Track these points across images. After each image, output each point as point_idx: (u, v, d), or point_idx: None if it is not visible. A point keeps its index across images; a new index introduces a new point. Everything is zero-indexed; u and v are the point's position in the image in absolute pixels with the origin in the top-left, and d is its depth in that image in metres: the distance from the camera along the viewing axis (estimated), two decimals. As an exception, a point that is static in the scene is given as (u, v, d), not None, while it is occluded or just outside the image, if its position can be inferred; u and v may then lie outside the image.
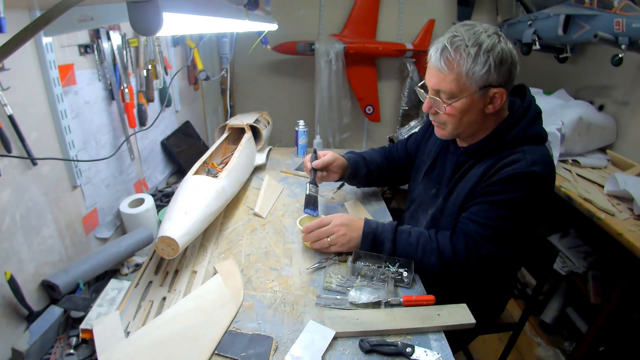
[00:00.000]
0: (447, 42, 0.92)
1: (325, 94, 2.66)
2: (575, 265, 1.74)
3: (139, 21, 0.60)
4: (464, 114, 0.97)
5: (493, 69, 0.90)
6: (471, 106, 0.96)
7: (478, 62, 0.90)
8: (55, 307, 0.90)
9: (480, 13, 2.68)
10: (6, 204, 0.85)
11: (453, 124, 1.01)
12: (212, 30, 1.55)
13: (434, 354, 0.82)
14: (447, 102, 0.97)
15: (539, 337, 1.95)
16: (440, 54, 0.93)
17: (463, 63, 0.91)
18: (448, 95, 0.96)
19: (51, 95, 0.98)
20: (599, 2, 1.60)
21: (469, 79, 0.92)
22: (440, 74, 0.95)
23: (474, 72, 0.90)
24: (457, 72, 0.92)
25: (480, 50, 0.89)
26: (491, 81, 0.92)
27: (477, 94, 0.94)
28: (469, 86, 0.93)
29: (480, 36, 0.90)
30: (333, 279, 1.04)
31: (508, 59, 0.92)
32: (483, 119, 1.00)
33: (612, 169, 1.78)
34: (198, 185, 1.21)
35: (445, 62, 0.93)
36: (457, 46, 0.91)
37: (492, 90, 0.93)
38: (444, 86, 0.95)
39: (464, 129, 1.02)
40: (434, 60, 0.95)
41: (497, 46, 0.90)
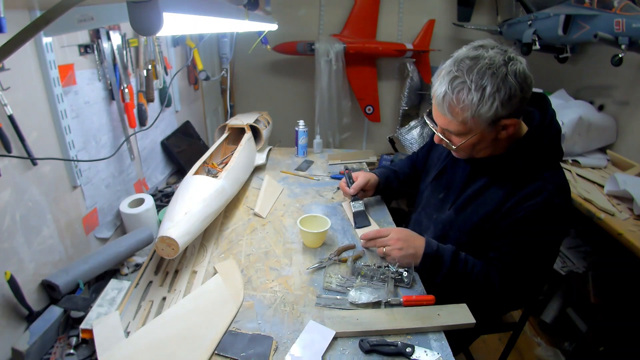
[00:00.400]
0: (448, 88, 0.88)
1: (325, 94, 2.66)
2: (575, 265, 1.74)
3: (139, 21, 0.60)
4: (475, 145, 0.96)
5: (500, 108, 0.86)
6: (482, 139, 0.94)
7: (483, 104, 0.85)
8: (55, 307, 0.90)
9: (480, 13, 2.68)
10: (6, 204, 0.85)
11: (466, 152, 1.00)
12: (212, 30, 1.55)
13: (434, 354, 0.82)
14: (457, 138, 0.95)
15: (539, 337, 1.95)
16: (442, 98, 0.90)
17: (467, 109, 0.87)
18: (456, 134, 0.95)
19: (51, 95, 0.98)
20: (599, 2, 1.60)
21: (476, 121, 0.89)
22: (446, 118, 0.93)
23: (480, 115, 0.87)
24: (462, 118, 0.89)
25: (485, 94, 0.85)
26: (500, 115, 0.88)
27: (486, 130, 0.91)
28: (477, 126, 0.90)
29: (484, 75, 0.85)
30: (333, 279, 1.04)
31: (517, 93, 0.86)
32: (497, 142, 0.97)
33: (612, 169, 1.78)
34: (198, 185, 1.21)
35: (448, 108, 0.90)
36: (459, 90, 0.87)
37: (503, 121, 0.90)
38: (452, 128, 0.94)
39: (478, 153, 1.00)
40: (438, 103, 0.92)
41: (504, 83, 0.85)
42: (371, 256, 1.17)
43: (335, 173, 1.75)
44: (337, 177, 1.72)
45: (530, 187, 0.95)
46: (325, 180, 1.70)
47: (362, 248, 1.19)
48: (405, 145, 2.63)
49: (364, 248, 1.18)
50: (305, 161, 1.89)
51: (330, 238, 1.24)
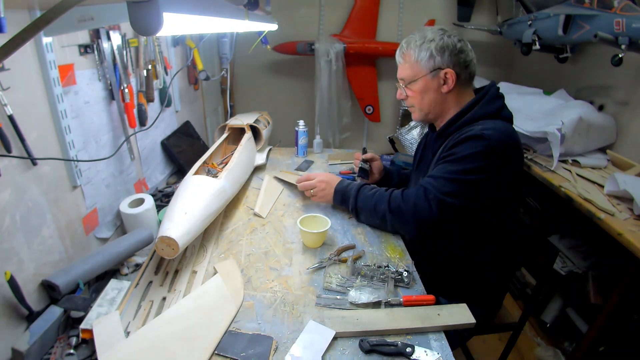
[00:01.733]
0: (403, 42, 1.20)
1: (325, 94, 2.66)
2: (575, 265, 1.74)
3: (139, 21, 0.60)
4: (423, 94, 1.18)
5: (436, 53, 1.12)
6: (427, 86, 1.16)
7: (422, 50, 1.13)
8: (55, 307, 0.90)
9: (480, 13, 2.68)
10: (6, 204, 0.85)
11: (417, 103, 1.21)
12: (212, 30, 1.55)
13: (434, 354, 0.82)
14: (408, 87, 1.20)
15: (539, 337, 1.95)
16: (399, 50, 1.20)
17: (412, 53, 1.15)
18: (407, 81, 1.19)
19: (51, 95, 0.98)
20: (599, 2, 1.60)
21: (419, 65, 1.15)
22: (400, 65, 1.21)
23: (421, 58, 1.14)
24: (409, 61, 1.17)
25: (424, 42, 1.13)
26: (438, 64, 1.13)
27: (429, 76, 1.15)
28: (421, 70, 1.15)
29: (425, 33, 1.14)
30: (333, 279, 1.04)
31: (449, 46, 1.12)
32: (443, 99, 1.18)
33: (612, 169, 1.78)
34: (198, 185, 1.21)
35: (401, 55, 1.20)
36: (408, 43, 1.18)
37: (441, 71, 1.13)
38: (403, 74, 1.20)
39: (429, 109, 1.20)
40: (397, 57, 1.22)
41: (437, 38, 1.12)
42: (371, 256, 1.17)
43: (336, 173, 1.75)
44: (337, 177, 1.72)
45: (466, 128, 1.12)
46: (325, 180, 1.70)
47: (363, 248, 1.20)
48: (405, 145, 2.63)
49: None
50: (305, 161, 1.89)
51: (330, 238, 1.24)
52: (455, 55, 1.13)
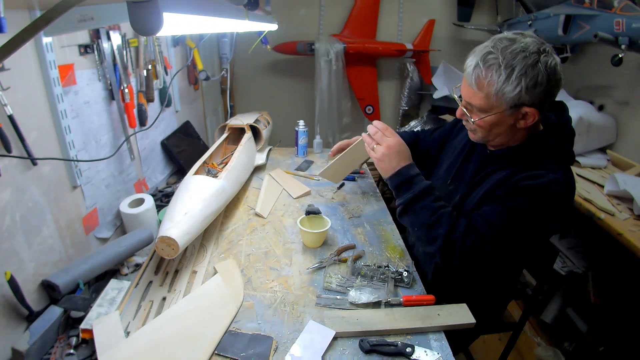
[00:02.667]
0: (480, 60, 0.91)
1: (325, 94, 2.66)
2: (575, 265, 1.74)
3: (139, 21, 0.60)
4: (493, 127, 0.98)
5: (524, 91, 0.88)
6: (500, 121, 0.96)
7: (509, 83, 0.88)
8: (55, 307, 0.90)
9: (480, 13, 2.68)
10: (6, 204, 0.85)
11: (483, 133, 1.01)
12: (212, 30, 1.55)
13: (434, 354, 0.82)
14: (477, 114, 0.97)
15: (539, 337, 1.95)
16: (472, 70, 0.93)
17: (493, 84, 0.89)
18: (478, 109, 0.96)
19: (51, 95, 0.98)
20: (599, 2, 1.60)
21: (499, 99, 0.91)
22: (471, 89, 0.95)
23: (504, 93, 0.89)
24: (486, 92, 0.92)
25: (513, 74, 0.87)
26: (523, 101, 0.90)
27: (507, 112, 0.93)
28: (499, 105, 0.92)
29: (516, 57, 0.88)
30: (333, 279, 1.04)
31: (544, 82, 0.88)
32: (514, 132, 0.99)
33: (612, 169, 1.78)
34: (198, 185, 1.21)
35: (476, 80, 0.92)
36: (489, 65, 0.90)
37: (524, 108, 0.92)
38: (475, 101, 0.96)
39: (493, 139, 1.02)
40: (467, 75, 0.95)
41: (533, 69, 0.87)
42: (371, 256, 1.17)
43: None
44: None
45: (533, 171, 0.96)
46: (325, 180, 1.70)
47: (363, 248, 1.19)
48: (405, 145, 2.63)
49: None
50: (305, 161, 1.89)
51: (330, 238, 1.24)
52: (546, 92, 0.90)
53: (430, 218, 0.99)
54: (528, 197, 0.94)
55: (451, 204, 1.13)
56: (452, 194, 1.16)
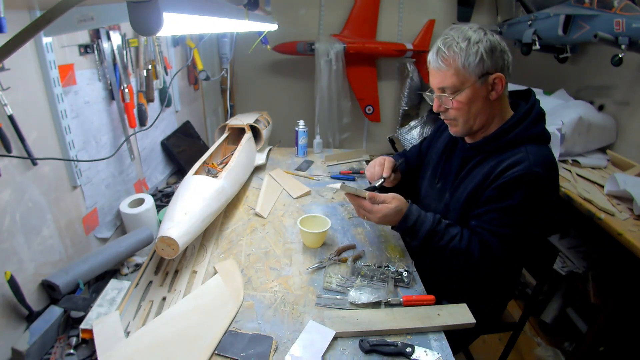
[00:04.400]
0: (440, 44, 1.02)
1: (325, 94, 2.66)
2: (575, 265, 1.74)
3: (139, 21, 0.60)
4: (470, 104, 1.03)
5: (485, 56, 0.98)
6: (475, 95, 1.02)
7: (470, 53, 0.98)
8: (55, 307, 0.90)
9: (480, 13, 2.68)
10: (6, 204, 0.85)
11: (463, 116, 1.05)
12: (212, 30, 1.55)
13: (434, 354, 0.82)
14: (452, 96, 1.03)
15: (539, 337, 1.95)
16: (436, 55, 1.02)
17: (457, 57, 0.99)
18: (452, 89, 1.02)
19: (51, 95, 0.98)
20: (599, 2, 1.60)
21: (467, 70, 0.99)
22: (440, 72, 1.02)
23: (469, 63, 0.98)
24: (454, 67, 1.00)
25: (470, 43, 0.98)
26: (487, 68, 0.99)
27: (477, 83, 1.00)
28: (469, 77, 1.00)
29: (467, 32, 1.00)
30: (333, 279, 1.04)
31: (497, 47, 0.99)
32: (490, 109, 1.05)
33: (612, 169, 1.78)
34: (198, 185, 1.21)
35: (442, 60, 1.01)
36: (449, 45, 1.00)
37: (490, 77, 1.00)
38: (447, 82, 1.02)
39: (474, 121, 1.06)
40: (433, 62, 1.04)
41: (483, 38, 0.99)
42: (371, 256, 1.17)
43: (335, 173, 1.75)
44: (337, 177, 1.72)
45: (513, 158, 1.01)
46: (325, 180, 1.70)
47: (363, 248, 1.19)
48: (405, 145, 2.63)
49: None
50: (305, 161, 1.89)
51: (330, 238, 1.24)
52: (501, 57, 1.01)
53: (444, 254, 1.05)
54: (516, 190, 0.99)
55: (442, 202, 1.19)
56: (441, 192, 1.21)
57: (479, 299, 1.14)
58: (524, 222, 1.01)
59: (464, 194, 1.10)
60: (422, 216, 1.09)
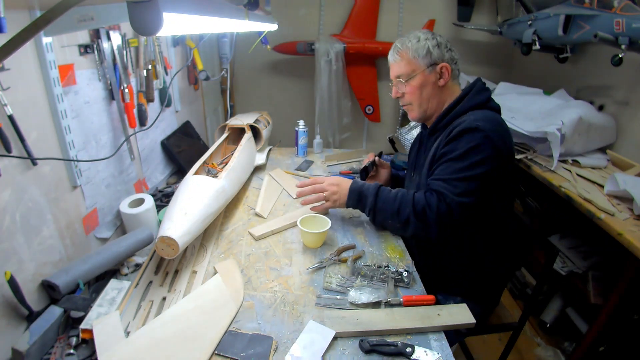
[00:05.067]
0: (396, 43, 1.25)
1: (325, 94, 2.66)
2: (575, 265, 1.74)
3: (139, 21, 0.60)
4: (421, 88, 1.21)
5: (432, 48, 1.18)
6: (425, 81, 1.20)
7: (419, 47, 1.19)
8: (55, 307, 0.90)
9: (480, 13, 2.67)
10: (6, 204, 0.85)
11: (416, 100, 1.23)
12: (212, 30, 1.55)
13: (434, 354, 0.82)
14: (406, 81, 1.23)
15: (539, 337, 1.95)
16: (393, 50, 1.24)
17: (408, 50, 1.20)
18: (405, 77, 1.22)
19: (51, 95, 0.99)
20: (599, 2, 1.60)
21: (417, 60, 1.19)
22: (396, 63, 1.24)
23: (418, 54, 1.19)
24: (406, 58, 1.21)
25: (420, 40, 1.20)
26: (435, 59, 1.18)
27: (427, 70, 1.19)
28: (419, 65, 1.20)
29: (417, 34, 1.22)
30: (333, 279, 1.04)
31: (443, 43, 1.20)
32: (440, 93, 1.22)
33: (612, 169, 1.78)
34: (198, 185, 1.21)
35: (397, 53, 1.23)
36: (402, 42, 1.23)
37: (438, 66, 1.19)
38: (401, 70, 1.22)
39: (427, 104, 1.23)
40: (390, 57, 1.26)
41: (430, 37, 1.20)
42: (371, 256, 1.17)
43: (336, 173, 1.75)
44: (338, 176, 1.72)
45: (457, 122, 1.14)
46: (325, 180, 1.69)
47: (363, 248, 1.19)
48: (405, 145, 2.63)
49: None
50: (305, 161, 1.89)
51: (330, 238, 1.24)
52: (448, 51, 1.20)
53: (394, 205, 1.15)
54: (460, 141, 1.09)
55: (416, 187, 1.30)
56: (417, 183, 1.31)
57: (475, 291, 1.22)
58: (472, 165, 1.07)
59: (426, 168, 1.23)
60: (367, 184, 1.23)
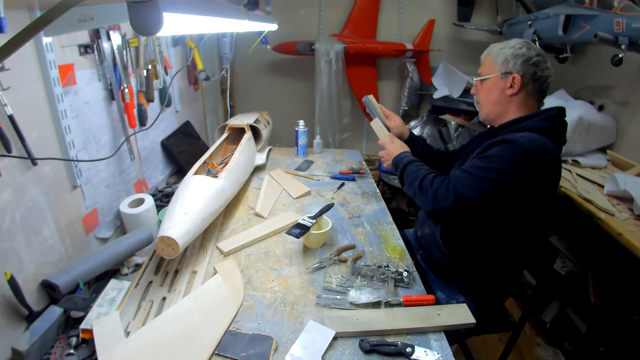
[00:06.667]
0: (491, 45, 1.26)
1: (325, 94, 2.66)
2: (575, 265, 1.74)
3: (139, 21, 0.60)
4: (489, 91, 1.23)
5: (510, 58, 1.17)
6: (494, 85, 1.21)
7: (500, 54, 1.20)
8: (55, 307, 0.90)
9: (480, 13, 2.67)
10: (6, 204, 0.85)
11: (483, 101, 1.26)
12: (212, 30, 1.55)
13: (434, 354, 0.82)
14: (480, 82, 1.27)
15: (539, 337, 1.95)
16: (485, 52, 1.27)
17: (492, 53, 1.23)
18: (481, 76, 1.26)
19: (51, 95, 0.98)
20: (599, 2, 1.60)
21: (494, 65, 1.21)
22: (482, 63, 1.27)
23: (497, 61, 1.20)
24: (488, 61, 1.24)
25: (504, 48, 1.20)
26: (510, 69, 1.17)
27: (499, 77, 1.20)
28: (494, 70, 1.21)
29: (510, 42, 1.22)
30: (333, 279, 1.04)
31: (524, 56, 1.16)
32: (505, 101, 1.21)
33: (612, 169, 1.78)
34: (198, 185, 1.21)
35: (485, 55, 1.27)
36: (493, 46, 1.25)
37: (510, 75, 1.17)
38: (481, 70, 1.26)
39: (490, 107, 1.24)
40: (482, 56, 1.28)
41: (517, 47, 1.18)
42: (371, 256, 1.17)
43: (335, 173, 1.75)
44: (337, 177, 1.72)
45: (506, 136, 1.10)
46: (325, 180, 1.70)
47: (363, 248, 1.19)
48: (405, 145, 2.63)
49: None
50: (305, 161, 1.89)
51: (330, 238, 1.24)
52: (527, 66, 1.16)
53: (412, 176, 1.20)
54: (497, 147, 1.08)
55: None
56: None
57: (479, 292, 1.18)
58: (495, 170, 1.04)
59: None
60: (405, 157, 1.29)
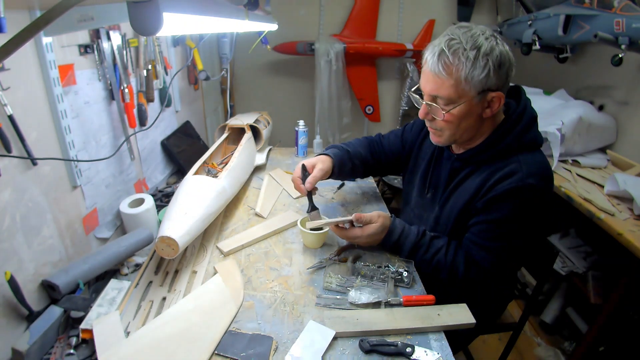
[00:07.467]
0: (444, 46, 0.88)
1: (325, 94, 2.66)
2: (575, 265, 1.74)
3: (139, 21, 0.60)
4: (461, 119, 0.94)
5: (492, 72, 0.87)
6: (469, 112, 0.92)
7: (477, 66, 0.86)
8: (55, 307, 0.90)
9: (480, 13, 2.68)
10: (6, 204, 0.85)
11: (450, 130, 0.97)
12: (212, 30, 1.55)
13: (434, 354, 0.82)
14: (445, 108, 0.93)
15: (539, 337, 1.95)
16: (437, 58, 0.89)
17: (462, 67, 0.87)
18: (446, 101, 0.92)
19: (51, 95, 0.98)
20: (599, 2, 1.60)
21: (468, 84, 0.88)
22: (438, 79, 0.91)
23: (473, 77, 0.87)
24: (455, 77, 0.88)
25: (479, 54, 0.86)
26: (489, 85, 0.89)
27: (475, 99, 0.90)
28: (468, 91, 0.89)
29: (478, 39, 0.87)
30: (333, 279, 1.04)
31: (506, 62, 0.89)
32: (480, 124, 0.98)
33: (612, 169, 1.78)
34: (198, 185, 1.21)
35: (443, 66, 0.89)
36: (455, 50, 0.87)
37: (490, 94, 0.91)
38: (442, 92, 0.91)
39: (461, 135, 0.99)
40: (431, 64, 0.91)
41: (495, 49, 0.87)
42: (371, 256, 1.17)
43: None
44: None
45: (506, 169, 0.95)
46: (325, 181, 1.69)
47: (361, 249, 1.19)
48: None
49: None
50: (305, 161, 1.89)
51: (330, 238, 1.24)
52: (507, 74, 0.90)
53: (429, 269, 1.07)
54: (509, 203, 0.94)
55: (432, 214, 1.16)
56: (430, 203, 1.18)
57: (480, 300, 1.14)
58: (513, 233, 0.98)
59: (455, 209, 1.06)
60: (407, 230, 1.08)
